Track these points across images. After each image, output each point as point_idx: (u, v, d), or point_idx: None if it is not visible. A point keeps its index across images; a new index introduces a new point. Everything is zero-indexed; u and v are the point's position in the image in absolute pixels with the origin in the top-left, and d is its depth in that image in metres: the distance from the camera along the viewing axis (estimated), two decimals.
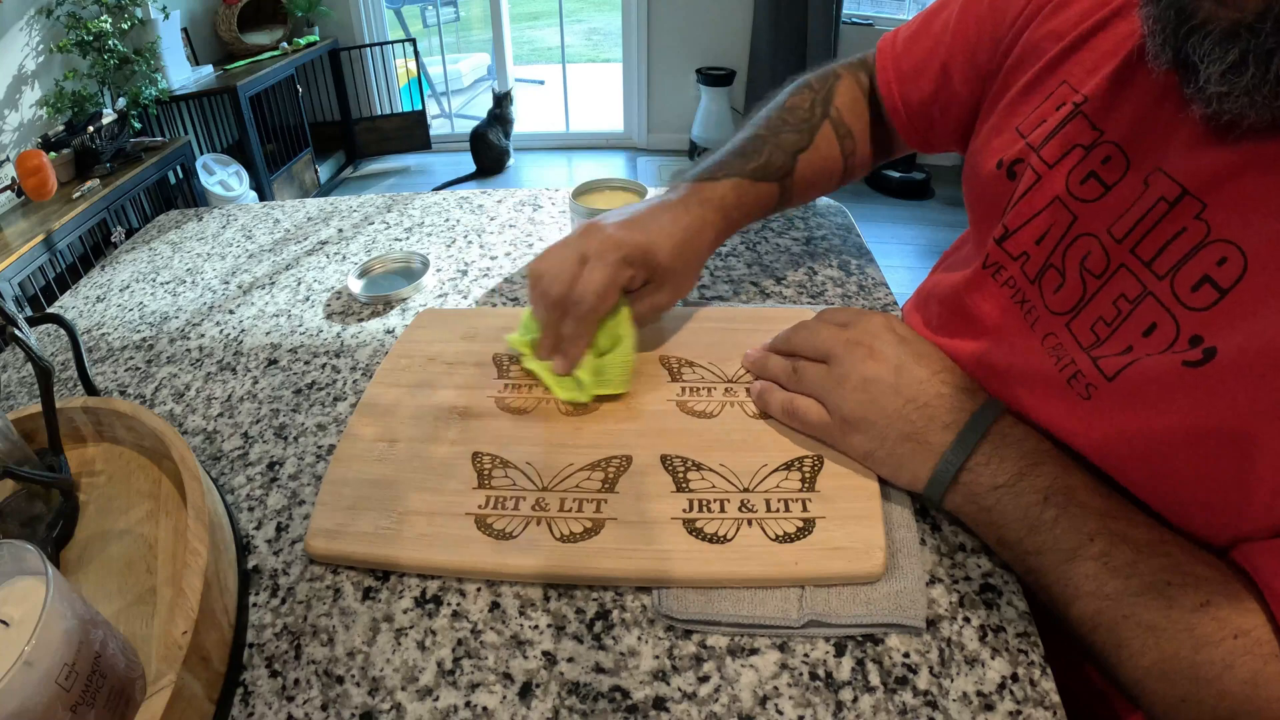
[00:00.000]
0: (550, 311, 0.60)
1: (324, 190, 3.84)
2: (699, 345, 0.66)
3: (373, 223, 1.00)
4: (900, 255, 3.02)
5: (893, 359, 0.53)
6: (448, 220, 0.99)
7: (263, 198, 3.23)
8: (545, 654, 0.45)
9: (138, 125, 2.72)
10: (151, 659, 0.45)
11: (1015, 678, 0.42)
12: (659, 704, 0.42)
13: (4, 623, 0.39)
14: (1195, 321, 0.42)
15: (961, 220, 0.68)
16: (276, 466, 0.60)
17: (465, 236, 0.94)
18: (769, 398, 0.58)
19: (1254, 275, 0.40)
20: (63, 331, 0.62)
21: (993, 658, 0.43)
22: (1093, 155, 0.51)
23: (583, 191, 0.90)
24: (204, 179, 2.98)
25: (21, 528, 0.51)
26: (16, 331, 0.52)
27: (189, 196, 2.85)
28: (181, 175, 2.82)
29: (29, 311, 0.62)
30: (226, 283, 0.88)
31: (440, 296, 0.81)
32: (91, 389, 0.60)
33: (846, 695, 0.42)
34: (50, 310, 0.58)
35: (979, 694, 0.42)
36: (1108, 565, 0.42)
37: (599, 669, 0.44)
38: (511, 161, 4.10)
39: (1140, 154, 0.48)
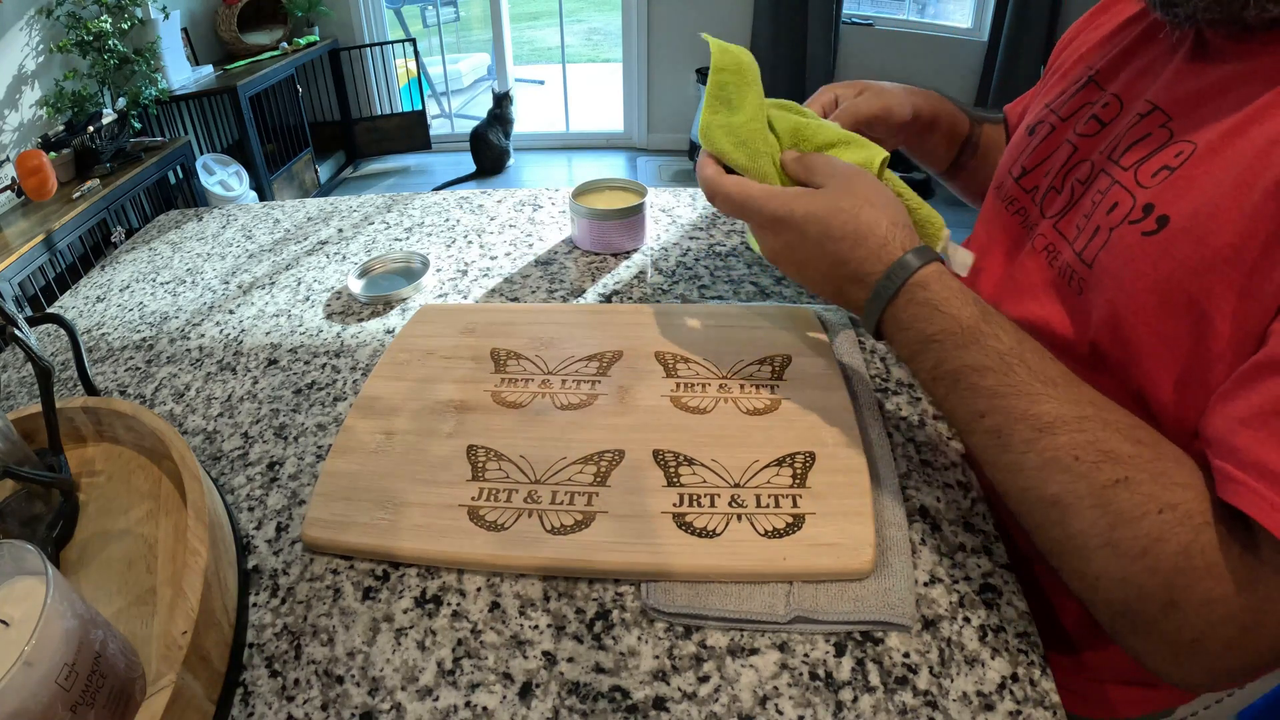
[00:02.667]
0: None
1: (324, 190, 3.84)
2: (695, 342, 0.67)
3: (373, 223, 1.00)
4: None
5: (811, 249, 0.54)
6: (448, 220, 0.99)
7: (263, 198, 3.23)
8: (545, 654, 0.45)
9: (138, 125, 2.72)
10: (151, 659, 0.45)
11: (1015, 678, 0.42)
12: (659, 704, 0.42)
13: (4, 623, 0.39)
14: (1149, 195, 0.49)
15: (962, 220, 0.69)
16: (276, 466, 0.60)
17: (465, 236, 0.94)
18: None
19: (1199, 157, 0.47)
20: (63, 331, 0.62)
21: (993, 658, 0.43)
22: (1097, 106, 0.59)
23: (583, 192, 0.90)
24: (204, 179, 2.98)
25: (22, 527, 0.51)
26: (16, 331, 0.52)
27: (189, 196, 2.85)
28: (181, 175, 2.82)
29: (29, 311, 0.62)
30: (226, 283, 0.88)
31: (440, 296, 0.81)
32: (91, 389, 0.60)
33: (846, 695, 0.42)
34: (50, 310, 0.58)
35: (979, 694, 0.42)
36: (999, 440, 0.45)
37: (599, 669, 0.44)
38: (511, 161, 4.10)
39: (1134, 96, 0.56)
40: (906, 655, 0.44)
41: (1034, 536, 0.45)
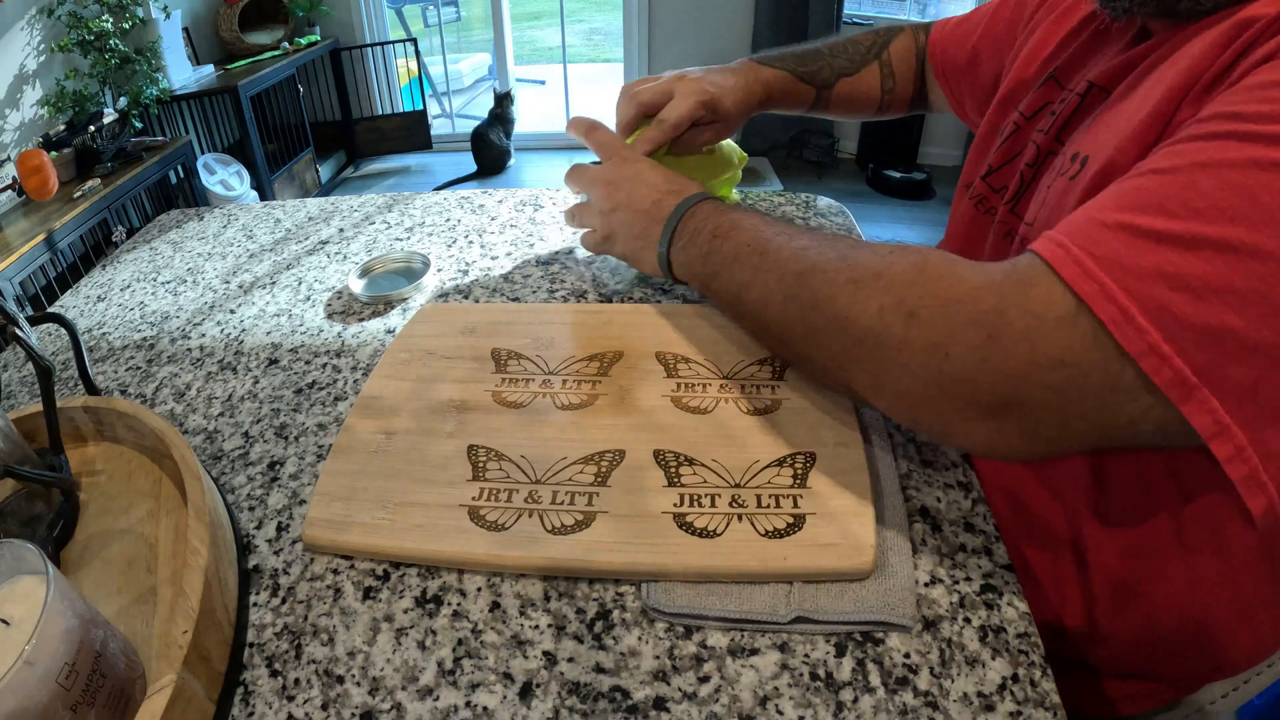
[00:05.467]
0: (630, 110, 0.80)
1: (325, 190, 3.84)
2: (696, 342, 0.67)
3: (373, 222, 1.00)
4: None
5: (626, 185, 0.71)
6: (448, 220, 0.99)
7: (264, 197, 3.23)
8: (546, 654, 0.45)
9: (139, 125, 2.73)
10: (152, 658, 0.45)
11: (1016, 678, 0.42)
12: (659, 704, 0.42)
13: (4, 622, 0.39)
14: (1075, 144, 0.55)
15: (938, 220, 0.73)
16: (277, 466, 0.60)
17: (466, 236, 0.94)
18: (581, 238, 0.78)
19: (1111, 102, 0.54)
20: (64, 331, 0.62)
21: (993, 658, 0.43)
22: (1055, 103, 0.63)
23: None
24: (205, 178, 2.98)
25: (22, 527, 0.51)
26: (17, 331, 0.52)
27: (190, 196, 2.86)
28: (182, 175, 2.82)
29: (30, 311, 0.62)
30: (227, 282, 0.88)
31: (441, 296, 0.81)
32: (92, 388, 0.60)
33: (847, 695, 0.42)
34: (51, 310, 0.58)
35: (980, 694, 0.41)
36: (761, 251, 0.56)
37: (599, 669, 0.44)
38: (512, 161, 4.11)
39: (1082, 82, 0.60)
40: (907, 656, 0.44)
41: (795, 323, 0.52)
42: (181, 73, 3.03)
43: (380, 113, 4.16)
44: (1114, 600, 0.59)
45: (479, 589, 0.49)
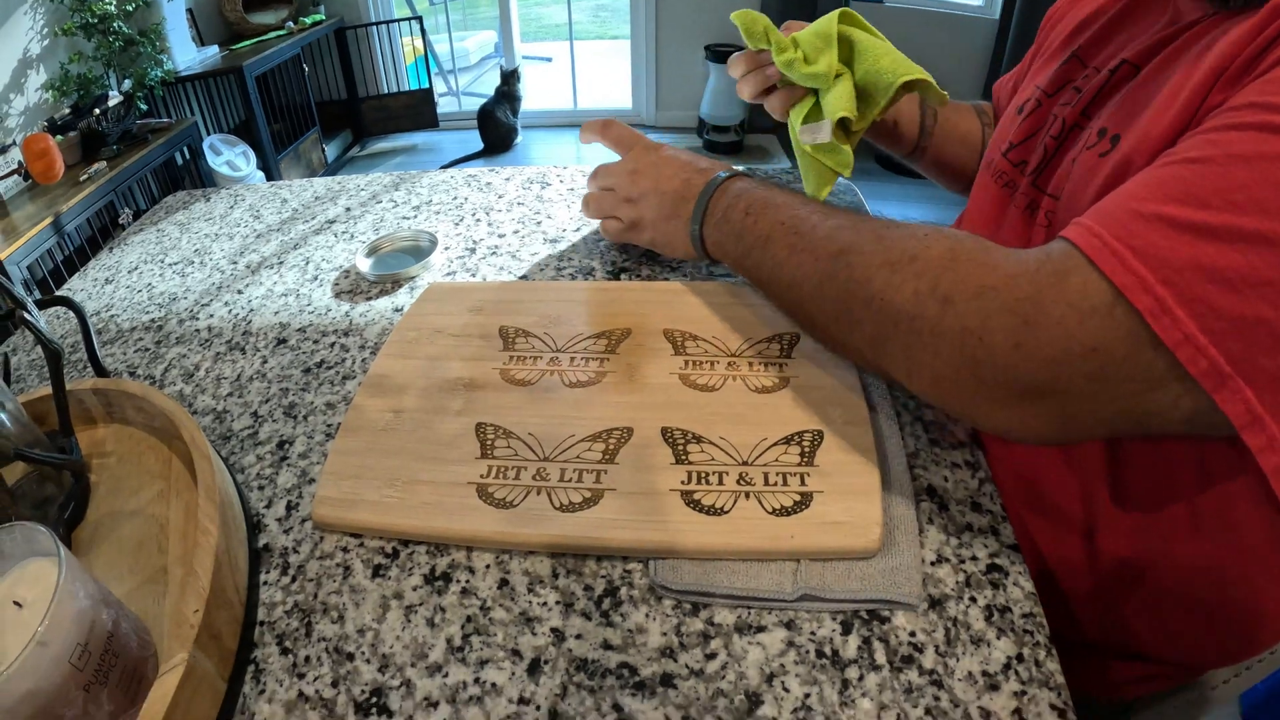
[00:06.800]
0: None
1: (331, 169, 3.84)
2: (703, 320, 0.66)
3: (380, 201, 1.00)
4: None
5: (652, 172, 0.71)
6: (456, 198, 0.98)
7: (270, 178, 3.23)
8: (554, 630, 0.45)
9: (144, 107, 2.72)
10: (163, 638, 0.45)
11: (1020, 658, 0.42)
12: (666, 680, 0.42)
13: (18, 604, 0.39)
14: (1104, 120, 0.53)
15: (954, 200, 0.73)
16: (286, 445, 0.60)
17: (473, 214, 0.94)
18: (603, 226, 0.79)
19: (1143, 79, 0.52)
20: (72, 314, 0.62)
21: (998, 638, 0.43)
22: (1079, 79, 0.62)
23: None
24: (211, 159, 2.98)
25: (33, 510, 0.52)
26: (26, 315, 0.52)
27: (196, 177, 2.85)
28: (188, 156, 2.82)
29: (38, 294, 0.62)
30: (235, 263, 0.88)
31: (449, 274, 0.81)
32: (101, 370, 0.60)
33: (853, 673, 0.42)
34: (59, 293, 0.58)
35: (984, 674, 0.41)
36: (796, 233, 0.56)
37: (607, 646, 0.44)
38: (519, 139, 4.09)
39: (1112, 59, 0.58)
40: (913, 634, 0.44)
41: (830, 304, 0.52)
42: (186, 54, 3.02)
43: (386, 91, 4.14)
44: (1122, 581, 0.59)
45: (487, 566, 0.49)
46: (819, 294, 0.53)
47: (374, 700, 0.43)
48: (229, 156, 3.11)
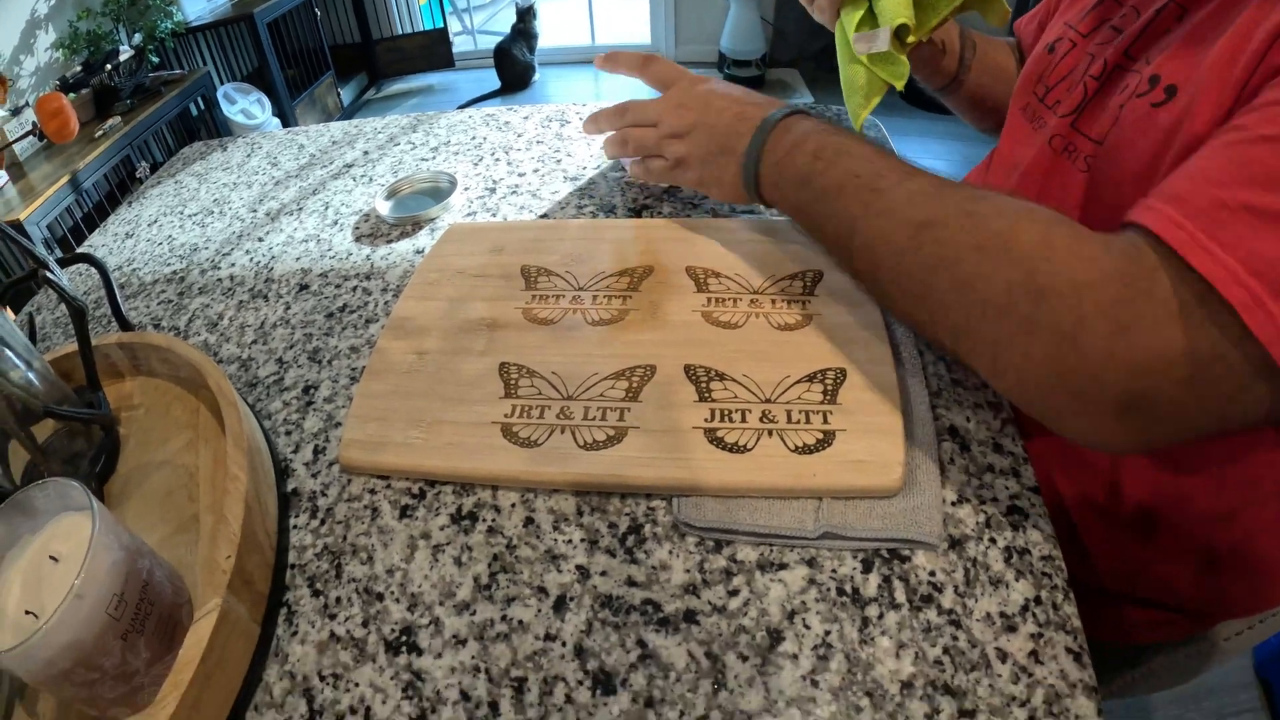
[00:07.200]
0: None
1: (347, 113, 3.80)
2: (726, 257, 0.65)
3: (398, 143, 0.98)
4: (933, 169, 2.91)
5: (700, 103, 0.66)
6: (474, 138, 0.97)
7: (286, 124, 3.20)
8: (579, 568, 0.46)
9: (155, 60, 2.70)
10: (196, 584, 0.46)
11: (1039, 600, 0.42)
12: (689, 617, 0.43)
13: (54, 559, 0.40)
14: (1154, 65, 0.50)
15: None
16: (312, 390, 0.61)
17: (492, 154, 0.92)
18: (633, 168, 0.74)
19: (1197, 25, 0.48)
20: (95, 271, 0.63)
21: (1017, 579, 0.43)
22: (1115, 18, 0.58)
23: None
24: (226, 109, 2.96)
25: (65, 465, 0.53)
26: (49, 274, 0.52)
27: (212, 127, 2.84)
28: (203, 107, 2.80)
29: (59, 253, 0.62)
30: (254, 211, 0.88)
31: (469, 215, 0.80)
32: (125, 324, 0.61)
33: (873, 611, 0.42)
34: (81, 250, 0.58)
35: (1002, 615, 0.41)
36: (873, 190, 0.51)
37: (631, 582, 0.45)
38: (536, 77, 4.01)
39: (1157, 2, 0.54)
40: (932, 574, 0.43)
41: (911, 280, 0.48)
42: (195, 4, 2.97)
43: (400, 32, 4.06)
44: (1140, 527, 0.58)
45: (513, 505, 0.50)
46: (898, 267, 0.49)
47: (404, 639, 0.44)
48: (244, 105, 3.08)
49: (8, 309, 0.57)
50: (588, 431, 0.51)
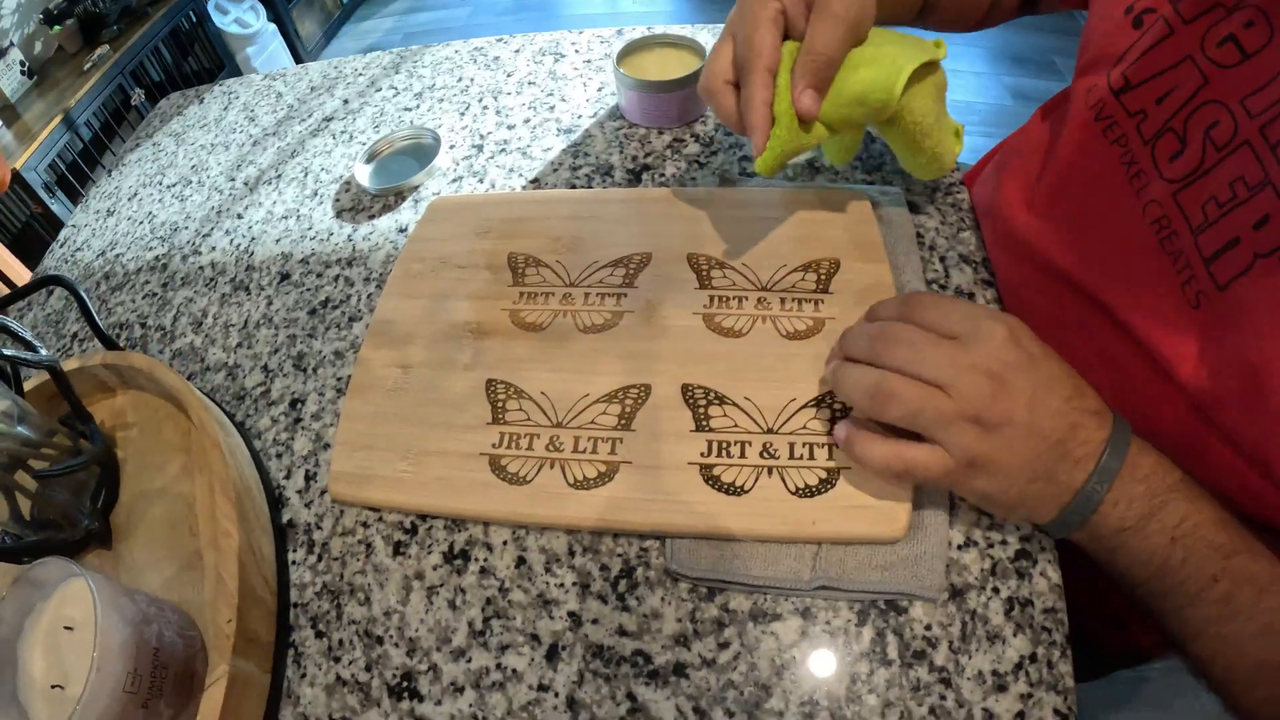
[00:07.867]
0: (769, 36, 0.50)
1: (347, 10, 3.61)
2: (733, 240, 0.61)
3: (379, 89, 0.93)
4: (967, 59, 2.70)
5: (1026, 391, 0.41)
6: (460, 80, 0.90)
7: (283, 31, 3.05)
8: (571, 614, 0.46)
9: None
10: (207, 626, 0.47)
11: (1034, 657, 0.41)
12: (679, 670, 0.43)
13: (69, 628, 0.41)
14: None
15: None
16: (299, 405, 0.60)
17: (480, 100, 0.86)
18: (854, 438, 0.45)
19: None
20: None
21: (1015, 634, 0.42)
22: (1235, 17, 0.43)
23: (630, 52, 0.79)
24: (218, 20, 2.80)
25: (70, 496, 0.53)
26: (9, 353, 0.50)
27: (206, 42, 2.71)
28: (195, 21, 2.66)
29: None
30: (232, 180, 0.84)
31: (454, 180, 0.76)
32: (108, 342, 0.59)
33: (863, 668, 0.42)
34: (52, 273, 0.56)
35: (994, 673, 0.41)
36: (1228, 608, 0.39)
37: (622, 631, 0.45)
38: None
39: None
40: (928, 628, 0.43)
41: (1235, 699, 0.41)
42: None
43: None
44: None
45: (504, 543, 0.50)
46: (1241, 700, 0.41)
47: (405, 684, 0.45)
48: (236, 14, 2.92)
49: None
50: (578, 467, 0.50)
